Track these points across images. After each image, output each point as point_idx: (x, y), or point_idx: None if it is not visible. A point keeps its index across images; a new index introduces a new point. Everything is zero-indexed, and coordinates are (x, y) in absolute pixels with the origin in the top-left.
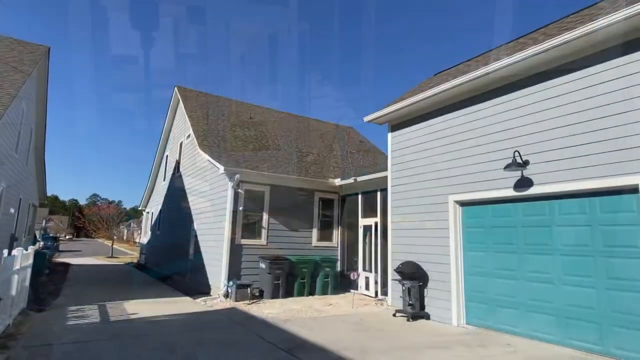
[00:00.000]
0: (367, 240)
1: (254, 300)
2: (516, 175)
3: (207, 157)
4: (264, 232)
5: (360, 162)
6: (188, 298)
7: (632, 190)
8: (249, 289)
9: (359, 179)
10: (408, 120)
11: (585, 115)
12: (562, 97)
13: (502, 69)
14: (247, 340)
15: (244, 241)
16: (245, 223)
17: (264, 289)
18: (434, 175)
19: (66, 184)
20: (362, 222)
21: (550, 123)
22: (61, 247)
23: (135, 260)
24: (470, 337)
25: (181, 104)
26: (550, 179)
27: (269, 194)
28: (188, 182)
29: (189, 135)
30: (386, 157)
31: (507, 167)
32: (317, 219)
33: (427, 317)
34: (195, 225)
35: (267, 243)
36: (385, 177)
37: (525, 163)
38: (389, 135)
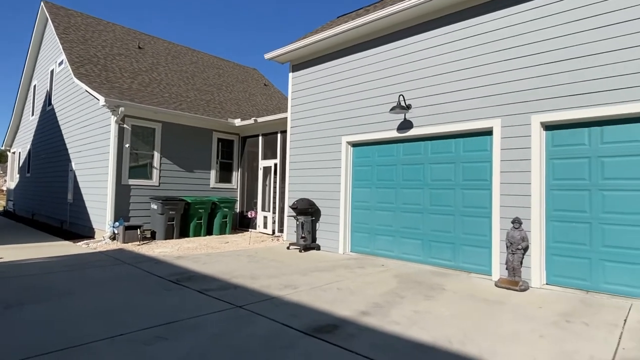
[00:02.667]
0: (267, 182)
1: (145, 242)
2: (400, 118)
3: (84, 87)
4: (155, 172)
5: (263, 104)
6: (67, 242)
7: (488, 132)
8: (138, 230)
9: (260, 120)
10: (308, 61)
11: (455, 66)
12: (439, 48)
13: (389, 16)
14: (132, 275)
15: (132, 181)
16: (134, 162)
17: (157, 230)
18: (330, 117)
19: None
20: (262, 163)
21: (429, 71)
22: None
23: (0, 209)
24: (352, 262)
25: (50, 23)
26: (426, 122)
27: (160, 132)
28: (63, 116)
29: (61, 62)
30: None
31: (392, 109)
32: (216, 160)
33: (318, 248)
34: (74, 165)
35: (159, 184)
36: (286, 119)
37: (408, 107)
38: (290, 75)
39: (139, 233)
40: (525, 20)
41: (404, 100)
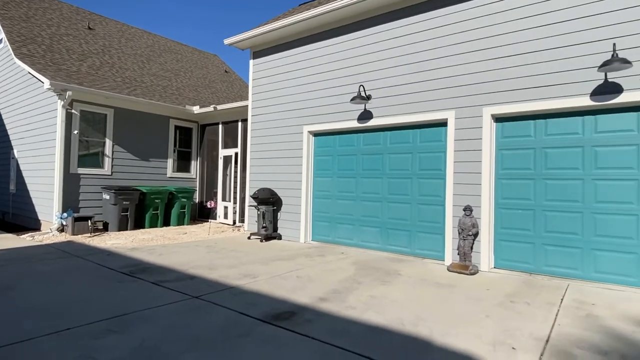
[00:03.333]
0: (227, 171)
1: (97, 234)
2: (360, 108)
3: (27, 68)
4: (107, 161)
5: (223, 92)
6: (10, 235)
7: (443, 123)
8: (89, 221)
9: (219, 107)
10: (269, 48)
11: (413, 58)
12: (399, 39)
13: (351, 5)
14: (82, 268)
15: (82, 170)
16: (85, 150)
17: (110, 222)
18: (292, 106)
19: None
20: (223, 152)
21: (389, 62)
22: None
23: None
24: (312, 250)
25: None
26: (386, 113)
27: (113, 118)
28: (2, 100)
29: (0, 40)
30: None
31: (353, 99)
32: (174, 149)
33: (280, 237)
34: (16, 153)
35: (112, 173)
36: (247, 107)
37: (368, 97)
38: (251, 62)
39: (90, 224)
40: (476, 17)
41: (364, 90)
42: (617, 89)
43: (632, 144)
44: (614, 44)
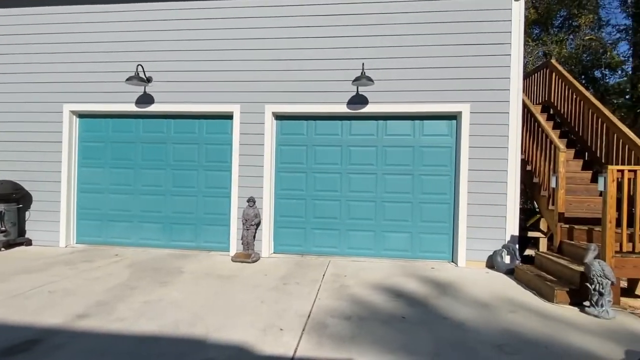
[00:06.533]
0: None
1: None
2: (139, 90)
3: None
4: None
5: None
6: None
7: (229, 116)
8: None
9: None
10: None
11: (203, 45)
12: (189, 22)
13: None
14: None
15: None
16: None
17: None
18: (49, 78)
19: None
20: None
21: (176, 45)
22: None
23: None
24: (76, 255)
25: None
26: (170, 99)
27: None
28: None
29: None
30: None
31: (129, 79)
32: None
33: (29, 243)
34: None
35: None
36: None
37: (149, 79)
38: None
39: None
40: (254, 16)
41: (144, 71)
42: (364, 101)
43: (373, 145)
44: (363, 64)
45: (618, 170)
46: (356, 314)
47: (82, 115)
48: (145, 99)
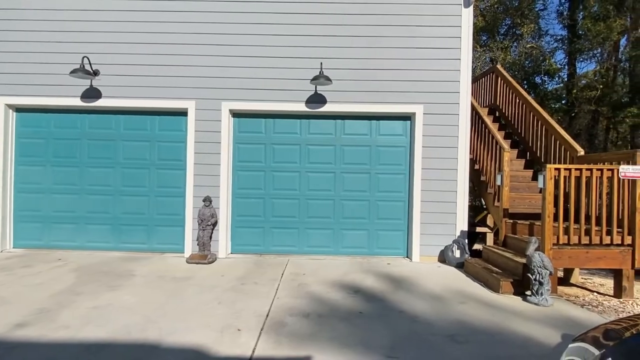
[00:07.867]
0: None
1: None
2: (85, 84)
3: None
4: None
5: None
6: None
7: (183, 113)
8: None
9: None
10: None
11: (155, 38)
12: (140, 14)
13: None
14: None
15: None
16: None
17: None
18: None
19: None
20: None
21: (126, 37)
22: None
23: None
24: (13, 261)
25: None
26: (119, 93)
27: None
28: None
29: None
30: None
31: (74, 72)
32: None
33: None
34: None
35: None
36: None
37: (95, 72)
38: None
39: None
40: (213, 10)
41: (90, 63)
42: (323, 100)
43: (331, 144)
44: (321, 63)
45: (555, 169)
46: (315, 312)
47: (20, 110)
48: (92, 93)
